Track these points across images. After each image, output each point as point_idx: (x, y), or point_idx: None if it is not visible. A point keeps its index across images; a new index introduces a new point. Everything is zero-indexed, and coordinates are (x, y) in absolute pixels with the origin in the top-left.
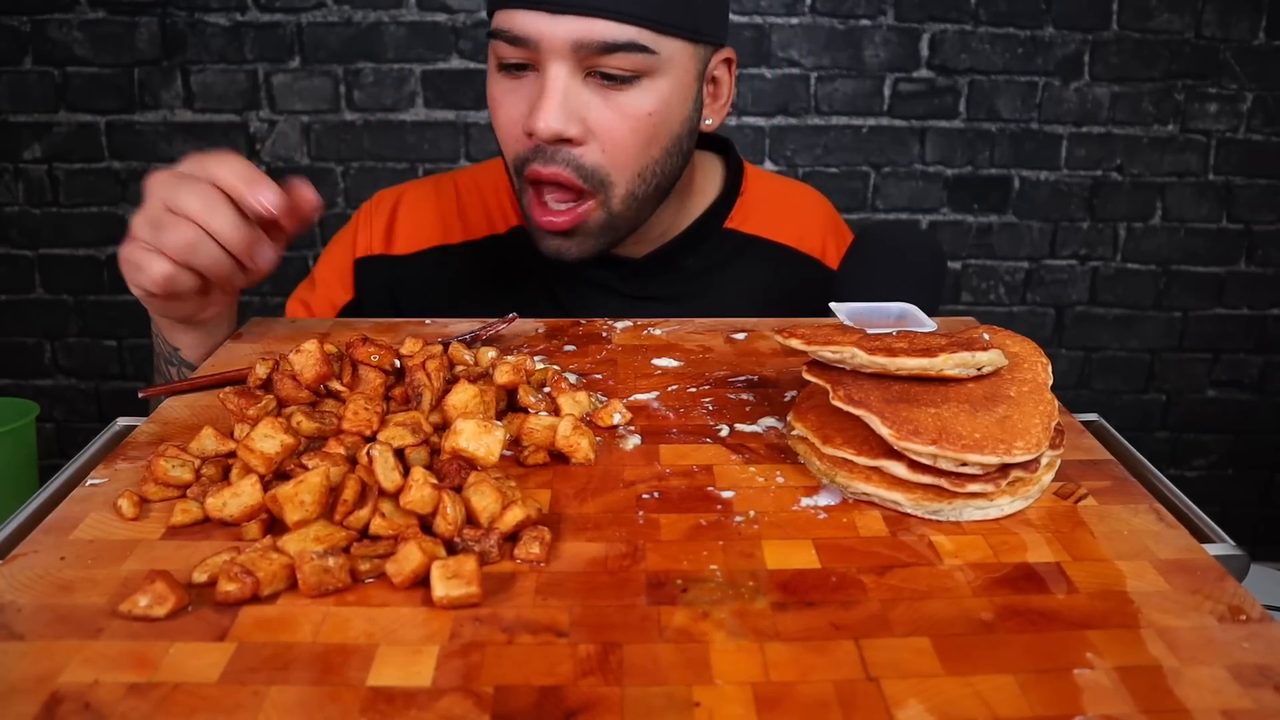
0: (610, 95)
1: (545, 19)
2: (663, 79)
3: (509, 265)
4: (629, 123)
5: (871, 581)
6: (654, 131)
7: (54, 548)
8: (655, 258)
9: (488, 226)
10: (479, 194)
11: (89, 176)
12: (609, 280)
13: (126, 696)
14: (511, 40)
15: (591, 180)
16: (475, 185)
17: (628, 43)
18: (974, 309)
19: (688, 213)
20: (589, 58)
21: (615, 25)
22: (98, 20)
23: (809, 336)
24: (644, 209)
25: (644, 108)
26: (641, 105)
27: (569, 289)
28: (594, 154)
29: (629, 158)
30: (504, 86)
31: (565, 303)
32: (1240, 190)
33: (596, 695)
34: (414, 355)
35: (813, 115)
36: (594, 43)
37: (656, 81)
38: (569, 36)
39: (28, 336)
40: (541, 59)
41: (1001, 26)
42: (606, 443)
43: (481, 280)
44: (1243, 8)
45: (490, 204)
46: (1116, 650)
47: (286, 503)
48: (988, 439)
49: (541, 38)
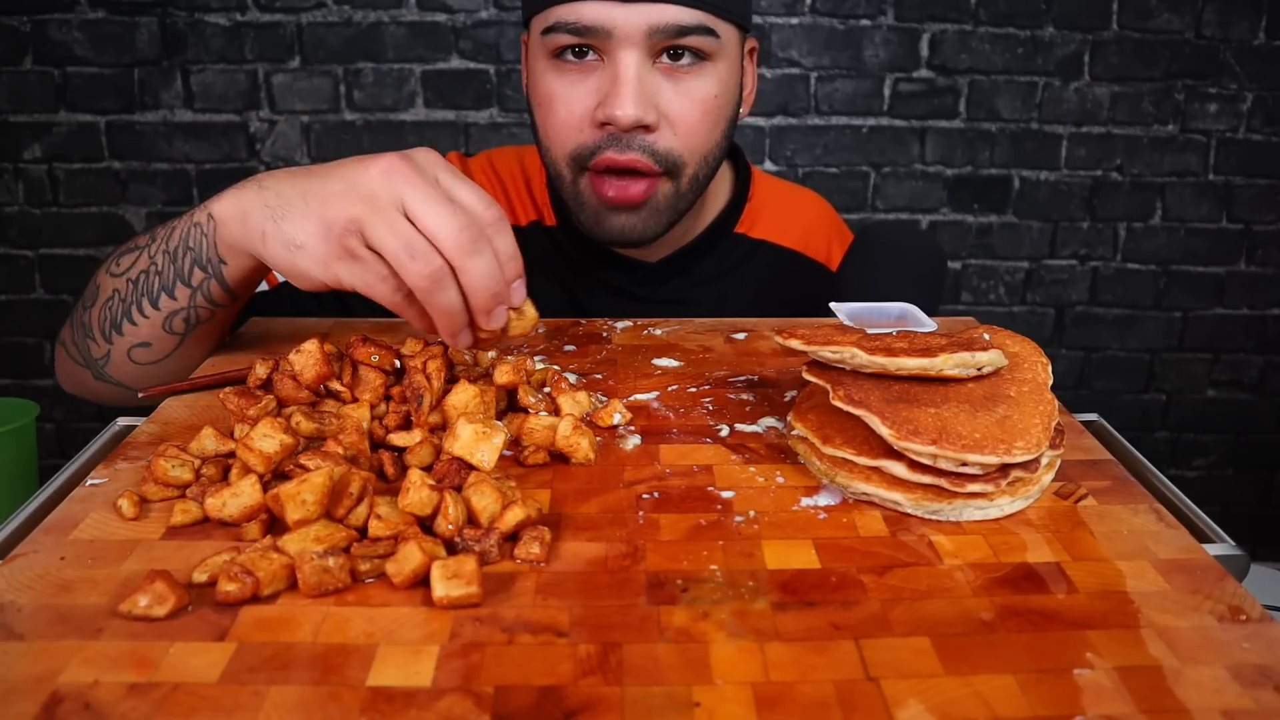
0: (679, 80)
1: (618, 7)
2: (721, 63)
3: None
4: (699, 106)
5: (871, 581)
6: (718, 114)
7: (54, 548)
8: (670, 262)
9: (524, 215)
10: (499, 183)
11: (89, 176)
12: (625, 283)
13: (126, 696)
14: (578, 31)
15: (665, 163)
16: (493, 174)
17: (697, 25)
18: (974, 309)
19: (702, 217)
20: (660, 43)
21: (685, 10)
22: (98, 20)
23: (809, 337)
24: (698, 194)
25: (710, 91)
26: (708, 89)
27: (588, 291)
28: (668, 138)
29: (699, 141)
30: (565, 80)
31: (585, 304)
32: (1240, 190)
33: (596, 695)
34: (414, 356)
35: (813, 115)
36: (668, 27)
37: (717, 65)
38: (644, 23)
39: (28, 336)
40: (611, 47)
41: (1001, 26)
42: (606, 443)
43: None
44: (1243, 8)
45: (525, 195)
46: (1116, 650)
47: (288, 501)
48: (988, 439)
49: (615, 25)
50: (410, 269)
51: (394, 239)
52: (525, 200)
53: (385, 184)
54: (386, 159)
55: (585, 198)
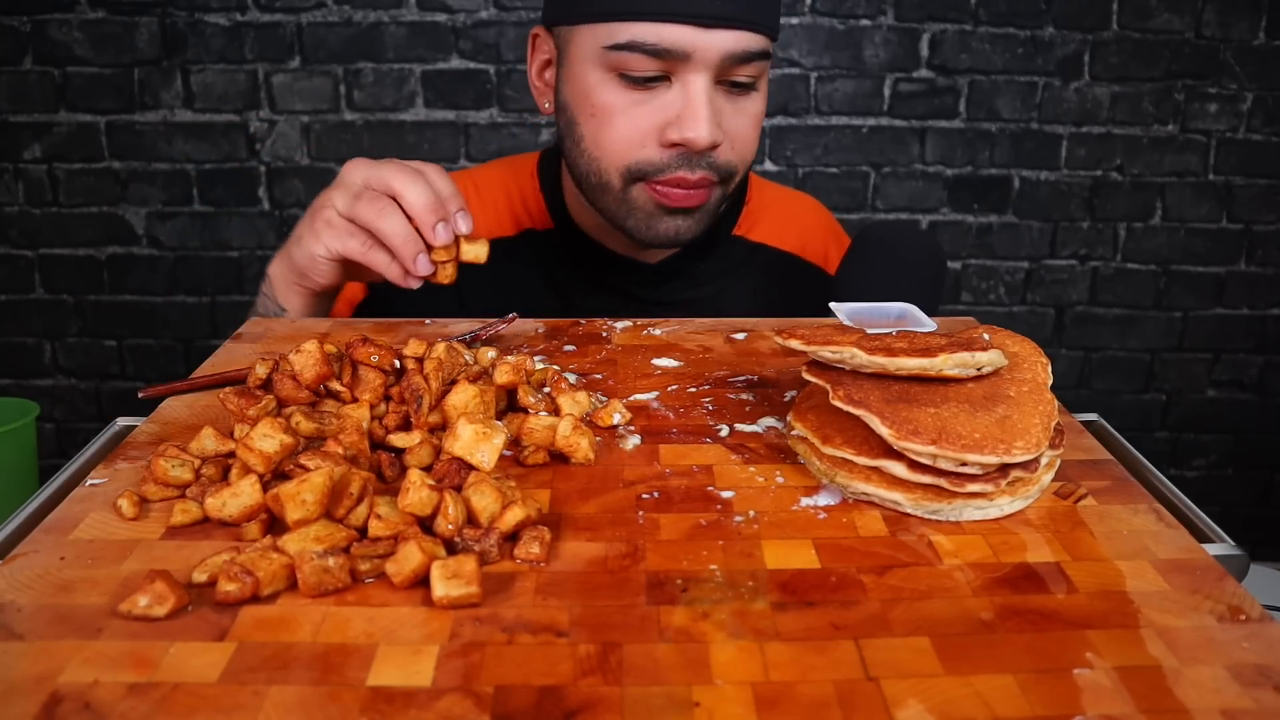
0: (737, 100)
1: (699, 33)
2: (763, 81)
3: (527, 268)
4: (751, 123)
5: (871, 581)
6: (759, 130)
7: (54, 548)
8: (668, 263)
9: (514, 225)
10: (504, 193)
11: (89, 176)
12: (623, 284)
13: (126, 696)
14: (655, 53)
15: (722, 174)
16: (496, 185)
17: (761, 51)
18: (974, 309)
19: None
20: (728, 68)
21: (754, 36)
22: (98, 20)
23: (809, 337)
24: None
25: (759, 108)
26: (758, 106)
27: (584, 293)
28: (727, 153)
29: (750, 152)
30: (629, 98)
31: (581, 307)
32: (1240, 190)
33: (596, 695)
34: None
35: (813, 115)
36: (742, 53)
37: (761, 84)
38: (721, 48)
39: (28, 336)
40: (685, 70)
41: (1001, 26)
42: (606, 443)
43: (496, 282)
44: (1243, 8)
45: (516, 205)
46: (1116, 650)
47: (288, 501)
48: (987, 439)
49: (695, 50)
50: (359, 209)
51: (346, 195)
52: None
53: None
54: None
55: (639, 204)
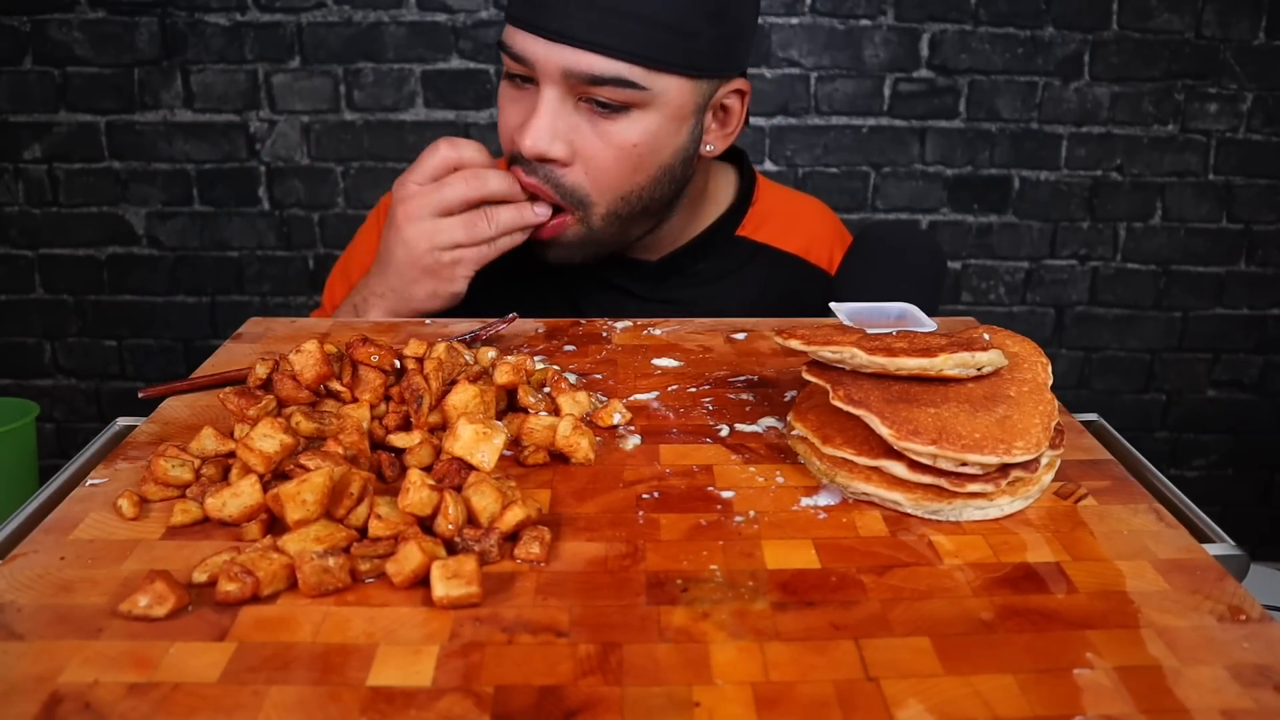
0: (599, 122)
1: (541, 44)
2: (653, 112)
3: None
4: (613, 151)
5: (871, 581)
6: (639, 161)
7: (54, 548)
8: (668, 261)
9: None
10: None
11: (89, 176)
12: (623, 282)
13: (126, 696)
14: (513, 57)
15: (570, 199)
16: None
17: (614, 78)
18: (974, 309)
19: (700, 220)
20: (579, 86)
21: (604, 60)
22: (98, 20)
23: (809, 337)
24: (631, 227)
25: (630, 138)
26: (628, 136)
27: (584, 290)
28: (576, 175)
29: (611, 182)
30: (509, 94)
31: (580, 304)
32: (1240, 190)
33: (596, 695)
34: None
35: (813, 115)
36: (582, 74)
37: (646, 114)
38: (560, 64)
39: (28, 336)
40: (540, 78)
41: (1001, 26)
42: (606, 443)
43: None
44: (1243, 8)
45: None
46: (1116, 650)
47: (289, 501)
48: (988, 439)
49: (537, 61)
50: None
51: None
52: None
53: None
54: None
55: None
